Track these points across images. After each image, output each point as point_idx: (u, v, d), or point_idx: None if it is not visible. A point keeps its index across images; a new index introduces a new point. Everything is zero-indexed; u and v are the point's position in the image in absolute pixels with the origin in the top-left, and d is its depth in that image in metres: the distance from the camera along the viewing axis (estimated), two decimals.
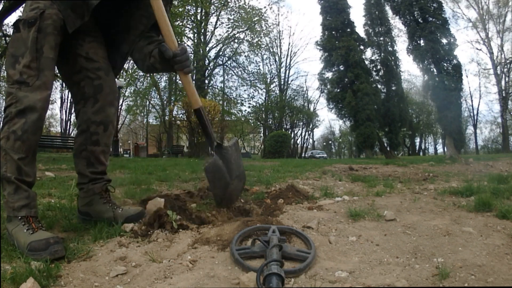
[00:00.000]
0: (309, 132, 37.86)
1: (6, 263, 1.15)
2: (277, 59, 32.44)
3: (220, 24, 22.73)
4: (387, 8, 17.11)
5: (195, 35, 22.16)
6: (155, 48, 1.59)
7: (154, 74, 22.19)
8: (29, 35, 1.38)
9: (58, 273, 1.08)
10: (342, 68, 17.91)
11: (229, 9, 21.90)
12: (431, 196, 2.33)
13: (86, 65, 1.58)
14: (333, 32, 17.90)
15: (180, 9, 15.01)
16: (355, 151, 29.60)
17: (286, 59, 32.99)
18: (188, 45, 21.96)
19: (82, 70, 1.59)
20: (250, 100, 26.89)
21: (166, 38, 1.53)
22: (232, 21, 22.17)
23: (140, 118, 33.72)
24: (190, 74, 1.61)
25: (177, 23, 14.76)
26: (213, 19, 22.64)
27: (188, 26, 20.89)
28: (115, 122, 1.72)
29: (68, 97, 28.52)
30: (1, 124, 1.42)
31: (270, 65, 32.01)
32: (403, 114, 18.88)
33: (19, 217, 1.33)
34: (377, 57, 18.91)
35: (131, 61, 2.00)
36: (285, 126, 31.42)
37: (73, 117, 28.23)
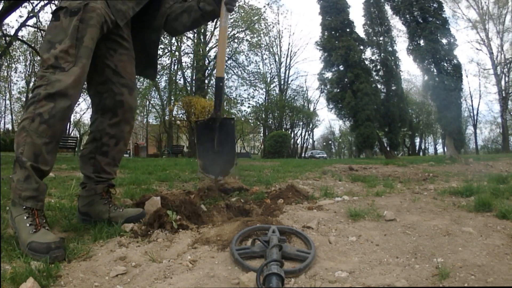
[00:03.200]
0: (309, 132, 37.91)
1: (6, 263, 1.15)
2: (277, 59, 32.48)
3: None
4: (387, 7, 17.13)
5: (195, 35, 22.14)
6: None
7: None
8: (71, 23, 1.37)
9: (58, 273, 1.08)
10: (342, 68, 17.90)
11: None
12: (431, 196, 2.33)
13: (112, 77, 1.59)
14: (333, 32, 17.88)
15: None
16: (355, 151, 29.60)
17: (286, 59, 33.03)
18: (188, 45, 21.99)
19: (107, 82, 1.59)
20: (250, 100, 26.90)
21: None
22: (231, 20, 22.16)
23: (140, 118, 33.72)
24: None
25: None
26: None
27: None
28: (128, 140, 1.75)
29: None
30: (27, 105, 1.38)
31: (270, 65, 32.06)
32: (403, 114, 18.87)
33: (24, 207, 1.30)
34: (377, 57, 18.91)
35: None
36: (285, 126, 31.42)
37: (73, 117, 28.23)
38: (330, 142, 49.34)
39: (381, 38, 18.78)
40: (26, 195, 1.30)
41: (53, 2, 10.84)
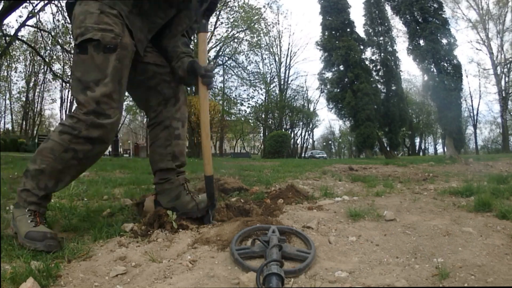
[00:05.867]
0: (309, 132, 37.85)
1: (6, 263, 1.15)
2: (277, 59, 32.44)
3: (220, 24, 22.74)
4: (387, 7, 17.14)
5: (195, 35, 22.15)
6: (184, 63, 1.60)
7: None
8: (108, 62, 1.30)
9: (58, 273, 1.08)
10: (342, 68, 17.92)
11: (228, 9, 21.91)
12: (431, 196, 2.33)
13: (158, 70, 1.61)
14: (333, 32, 17.89)
15: None
16: (355, 151, 29.56)
17: (286, 59, 32.99)
18: None
19: (156, 75, 1.61)
20: (250, 100, 26.92)
21: (200, 56, 1.63)
22: (232, 20, 22.17)
23: (140, 118, 33.70)
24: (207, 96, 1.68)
25: None
26: (213, 19, 22.62)
27: None
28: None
29: (68, 97, 28.46)
30: (62, 127, 1.33)
31: (270, 65, 32.03)
32: (403, 114, 18.88)
33: (27, 209, 1.35)
34: (377, 57, 18.93)
35: None
36: (285, 126, 31.41)
37: None
38: (330, 142, 49.32)
39: (381, 38, 18.81)
40: (31, 200, 1.36)
41: (53, 2, 10.84)
